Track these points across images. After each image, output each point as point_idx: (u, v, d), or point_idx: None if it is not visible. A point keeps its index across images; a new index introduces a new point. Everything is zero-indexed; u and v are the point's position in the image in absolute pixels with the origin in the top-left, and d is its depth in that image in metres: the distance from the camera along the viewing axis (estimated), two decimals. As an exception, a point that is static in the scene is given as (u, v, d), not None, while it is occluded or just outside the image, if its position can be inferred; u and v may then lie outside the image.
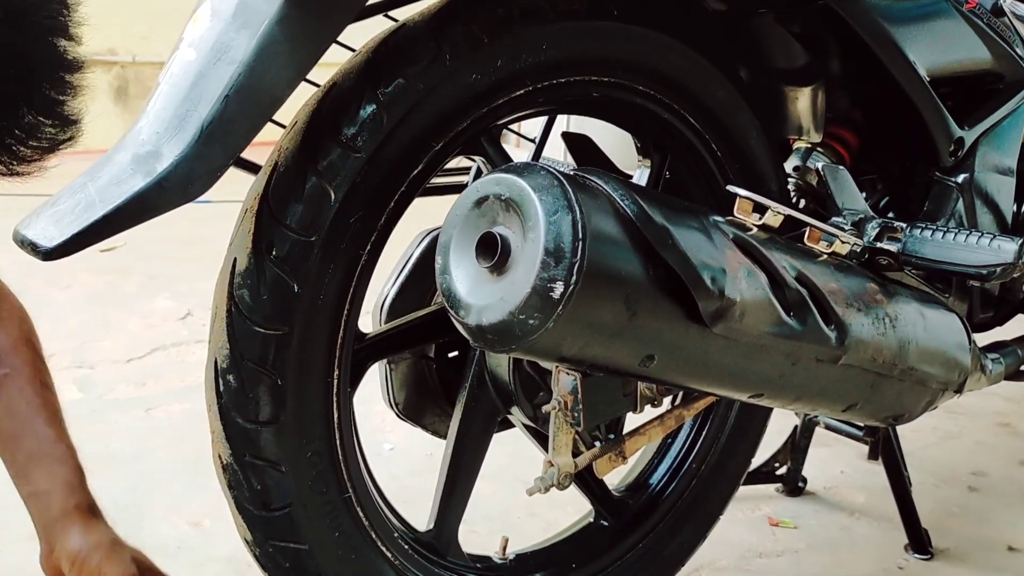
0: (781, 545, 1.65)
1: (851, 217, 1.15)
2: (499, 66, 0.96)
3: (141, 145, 0.82)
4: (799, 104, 1.31)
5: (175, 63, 0.85)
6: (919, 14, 1.20)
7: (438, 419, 1.20)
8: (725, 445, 1.32)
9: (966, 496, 1.89)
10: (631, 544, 1.28)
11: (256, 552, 0.97)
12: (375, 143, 0.91)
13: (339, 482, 0.97)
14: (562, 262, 0.71)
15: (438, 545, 1.12)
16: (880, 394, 1.05)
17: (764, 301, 0.86)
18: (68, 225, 0.78)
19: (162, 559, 1.48)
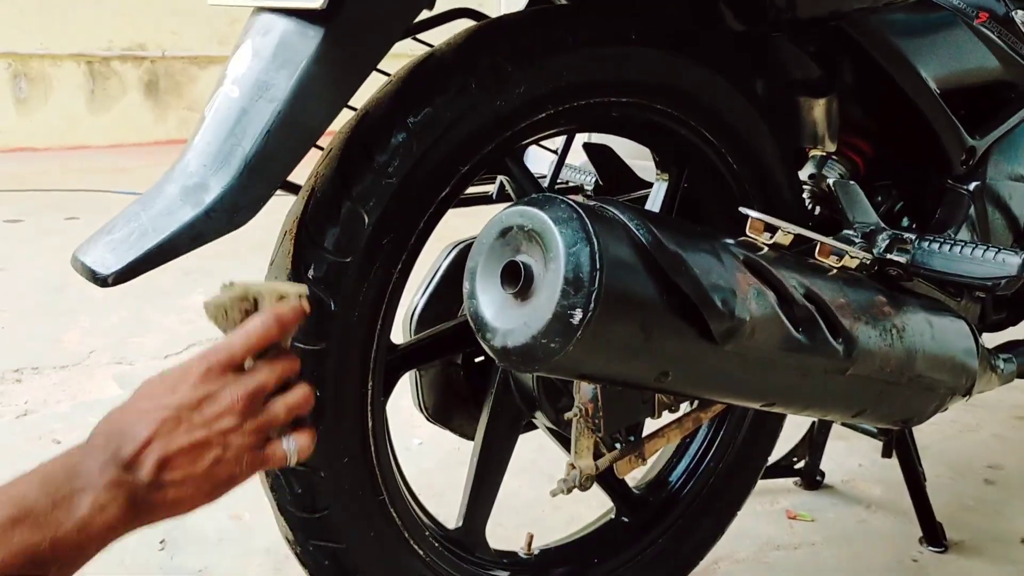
0: (798, 538, 1.70)
1: (862, 229, 1.20)
2: (522, 92, 1.01)
3: (189, 177, 0.88)
4: (813, 115, 1.35)
5: (219, 99, 0.90)
6: (929, 30, 1.24)
7: (465, 422, 1.26)
8: (742, 444, 1.37)
9: (982, 489, 1.93)
10: (651, 539, 1.33)
11: (297, 550, 1.04)
12: (405, 169, 0.96)
13: (374, 486, 1.03)
14: (581, 291, 0.76)
15: (466, 542, 1.18)
16: (888, 401, 1.10)
17: (773, 319, 0.91)
18: (124, 253, 0.84)
19: (204, 550, 1.57)
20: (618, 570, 1.30)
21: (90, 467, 0.68)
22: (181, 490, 0.70)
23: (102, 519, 0.67)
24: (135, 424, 0.69)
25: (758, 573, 1.58)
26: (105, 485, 0.67)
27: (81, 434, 0.71)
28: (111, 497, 0.67)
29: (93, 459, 0.68)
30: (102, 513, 0.67)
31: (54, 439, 1.97)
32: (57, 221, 4.05)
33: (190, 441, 0.69)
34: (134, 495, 0.68)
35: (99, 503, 0.67)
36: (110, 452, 0.68)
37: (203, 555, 1.57)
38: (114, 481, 0.68)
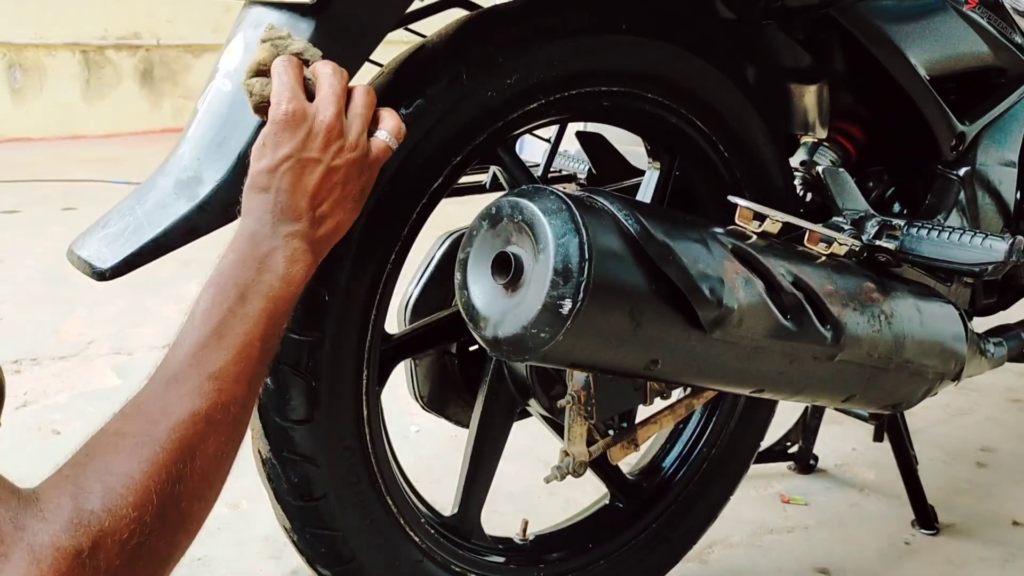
0: (792, 521, 1.72)
1: (851, 216, 1.21)
2: (513, 82, 1.02)
3: (183, 170, 0.89)
4: (804, 102, 1.36)
5: (212, 92, 0.91)
6: (918, 17, 1.24)
7: (460, 410, 1.27)
8: (735, 429, 1.39)
9: (974, 472, 1.95)
10: (645, 524, 1.34)
11: (294, 538, 1.05)
12: (398, 160, 0.97)
13: (369, 474, 1.05)
14: (570, 281, 0.77)
15: (462, 529, 1.20)
16: (877, 386, 1.11)
17: (761, 307, 0.92)
18: (120, 247, 0.85)
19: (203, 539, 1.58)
20: (613, 555, 1.31)
21: (264, 233, 0.80)
22: (336, 215, 0.83)
23: (298, 268, 0.80)
24: (270, 184, 0.81)
25: (752, 557, 1.60)
26: (285, 240, 0.80)
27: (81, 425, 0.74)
28: (295, 247, 0.80)
29: (261, 226, 0.80)
30: (295, 263, 0.80)
31: (53, 430, 1.98)
32: (54, 211, 4.06)
33: (319, 175, 0.81)
34: (309, 236, 0.81)
35: (289, 256, 0.80)
36: (269, 214, 0.80)
37: (202, 543, 1.57)
38: (289, 234, 0.80)
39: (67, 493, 0.65)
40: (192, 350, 0.75)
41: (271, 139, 0.81)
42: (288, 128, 0.80)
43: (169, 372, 0.74)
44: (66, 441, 1.83)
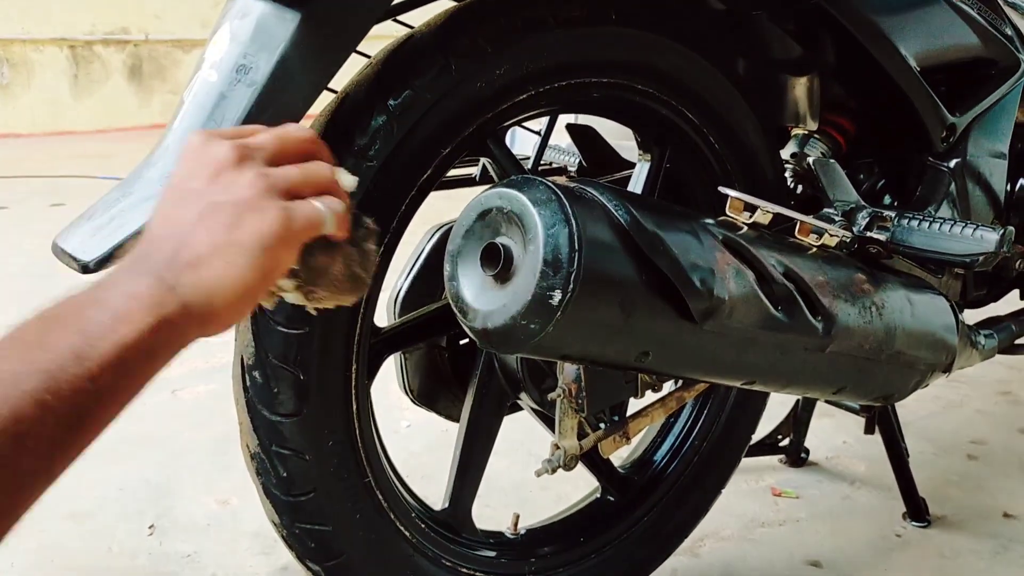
0: (783, 515, 1.72)
1: (842, 207, 1.20)
2: (503, 73, 1.01)
3: (169, 163, 0.87)
4: (795, 93, 1.36)
5: (198, 83, 0.90)
6: (908, 7, 1.24)
7: (451, 404, 1.26)
8: (726, 422, 1.39)
9: (965, 464, 1.95)
10: (637, 518, 1.34)
11: (283, 533, 1.05)
12: (386, 152, 0.96)
13: (359, 468, 1.04)
14: (560, 272, 0.77)
15: (453, 523, 1.19)
16: (868, 377, 1.11)
17: (752, 298, 0.91)
18: (105, 239, 0.84)
19: (193, 535, 1.58)
20: (604, 549, 1.31)
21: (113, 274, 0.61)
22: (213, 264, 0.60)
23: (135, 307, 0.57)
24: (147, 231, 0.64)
25: (743, 550, 1.60)
26: (129, 274, 0.60)
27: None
28: (139, 283, 0.59)
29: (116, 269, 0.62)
30: (134, 300, 0.57)
31: (41, 426, 1.97)
32: (42, 207, 4.03)
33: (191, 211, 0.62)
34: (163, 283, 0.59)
35: (127, 291, 0.58)
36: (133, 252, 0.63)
37: (192, 540, 1.58)
38: (138, 269, 0.60)
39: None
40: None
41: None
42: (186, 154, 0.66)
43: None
44: (54, 438, 1.81)
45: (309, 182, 0.66)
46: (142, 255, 0.62)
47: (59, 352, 0.54)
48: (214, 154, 0.64)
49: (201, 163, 0.64)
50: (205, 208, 0.62)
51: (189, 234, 0.61)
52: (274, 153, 0.66)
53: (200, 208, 0.62)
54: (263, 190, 0.63)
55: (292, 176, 0.65)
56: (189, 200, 0.63)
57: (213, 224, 0.61)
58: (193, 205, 0.62)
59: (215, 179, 0.63)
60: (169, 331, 0.58)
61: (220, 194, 0.63)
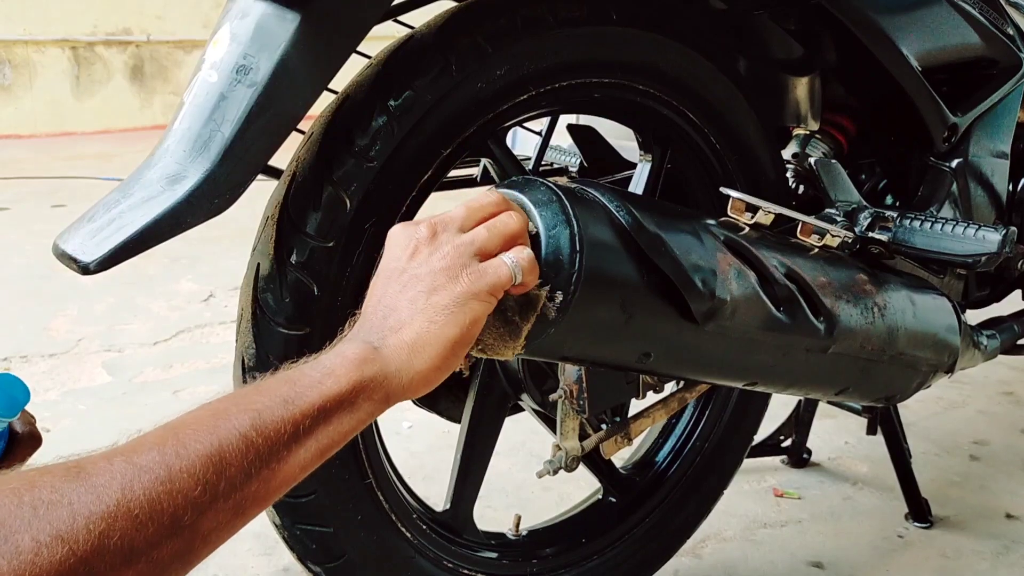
0: (785, 515, 1.72)
1: (844, 207, 1.20)
2: (503, 74, 1.01)
3: (169, 163, 0.87)
4: (796, 94, 1.35)
5: (198, 84, 0.90)
6: (910, 7, 1.23)
7: (452, 405, 1.26)
8: (728, 423, 1.38)
9: (967, 465, 1.94)
10: (638, 519, 1.34)
11: (285, 535, 1.04)
12: (387, 152, 0.96)
13: (360, 469, 1.04)
14: (561, 273, 0.76)
15: (454, 524, 1.19)
16: (871, 378, 1.11)
17: (754, 299, 0.91)
18: (105, 240, 0.84)
19: (194, 536, 1.58)
20: (606, 550, 1.31)
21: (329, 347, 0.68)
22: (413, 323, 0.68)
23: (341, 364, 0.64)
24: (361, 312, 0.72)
25: (745, 551, 1.59)
26: (344, 342, 0.68)
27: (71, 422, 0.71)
28: (349, 347, 0.66)
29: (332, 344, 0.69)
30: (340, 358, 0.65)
31: (44, 427, 1.96)
32: (44, 209, 4.03)
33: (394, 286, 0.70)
34: (368, 340, 0.67)
35: (338, 352, 0.66)
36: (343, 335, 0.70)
37: (193, 540, 1.58)
38: (351, 337, 0.68)
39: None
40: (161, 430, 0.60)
41: None
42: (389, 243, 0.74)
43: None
44: (57, 438, 1.81)
45: (496, 237, 0.73)
46: (357, 329, 0.70)
47: (271, 397, 0.61)
48: (410, 235, 0.73)
49: (401, 246, 0.73)
50: (407, 281, 0.70)
51: (394, 305, 0.70)
52: (464, 220, 0.73)
53: (403, 282, 0.71)
54: (455, 256, 0.70)
55: (480, 237, 0.72)
56: (393, 278, 0.71)
57: (413, 293, 0.69)
58: (396, 282, 0.71)
59: (414, 256, 0.71)
60: (371, 388, 0.65)
61: (419, 267, 0.71)
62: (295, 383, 0.63)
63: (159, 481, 0.55)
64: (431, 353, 0.67)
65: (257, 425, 0.59)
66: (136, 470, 0.55)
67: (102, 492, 0.53)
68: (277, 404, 0.61)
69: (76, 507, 0.52)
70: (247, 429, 0.59)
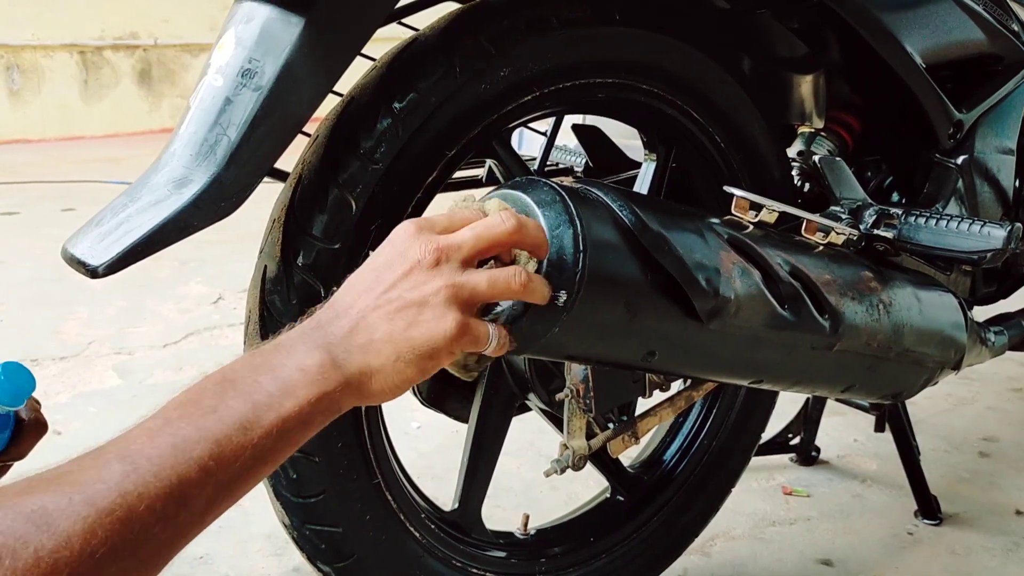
0: (794, 513, 1.71)
1: (849, 205, 1.20)
2: (507, 75, 1.01)
3: (176, 167, 0.88)
4: (801, 92, 1.36)
5: (204, 88, 0.91)
6: (914, 4, 1.23)
7: (459, 405, 1.26)
8: (735, 421, 1.38)
9: (977, 462, 1.94)
10: (646, 518, 1.34)
11: (294, 535, 1.05)
12: (392, 154, 0.97)
13: (368, 469, 1.04)
14: (565, 272, 0.77)
15: (463, 523, 1.19)
16: (877, 375, 1.11)
17: (758, 297, 0.91)
18: (113, 244, 0.85)
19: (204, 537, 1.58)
20: (614, 549, 1.31)
21: (293, 336, 0.67)
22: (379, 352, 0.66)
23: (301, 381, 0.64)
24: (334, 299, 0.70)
25: (754, 549, 1.59)
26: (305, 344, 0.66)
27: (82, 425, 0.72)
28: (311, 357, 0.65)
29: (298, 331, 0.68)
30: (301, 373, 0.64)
31: (55, 430, 1.98)
32: (53, 212, 4.05)
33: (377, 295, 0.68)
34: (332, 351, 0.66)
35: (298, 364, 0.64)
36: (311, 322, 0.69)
37: (203, 542, 1.59)
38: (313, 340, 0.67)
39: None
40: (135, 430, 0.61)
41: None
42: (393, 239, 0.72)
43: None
44: (67, 441, 1.82)
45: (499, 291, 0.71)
46: (323, 323, 0.68)
47: (229, 422, 0.60)
48: (416, 250, 0.69)
49: (402, 255, 0.70)
50: (391, 299, 0.68)
51: (368, 318, 0.67)
52: (472, 253, 0.70)
53: (387, 298, 0.68)
54: (448, 299, 0.68)
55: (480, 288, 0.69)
56: (379, 287, 0.69)
57: (394, 317, 0.67)
58: (380, 296, 0.68)
59: (408, 275, 0.69)
60: (328, 403, 0.65)
61: (408, 291, 0.68)
62: (254, 403, 0.62)
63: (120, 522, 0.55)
64: (386, 384, 0.67)
65: (217, 456, 0.59)
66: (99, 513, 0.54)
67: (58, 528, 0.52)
68: (236, 432, 0.60)
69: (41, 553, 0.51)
70: (206, 460, 0.59)
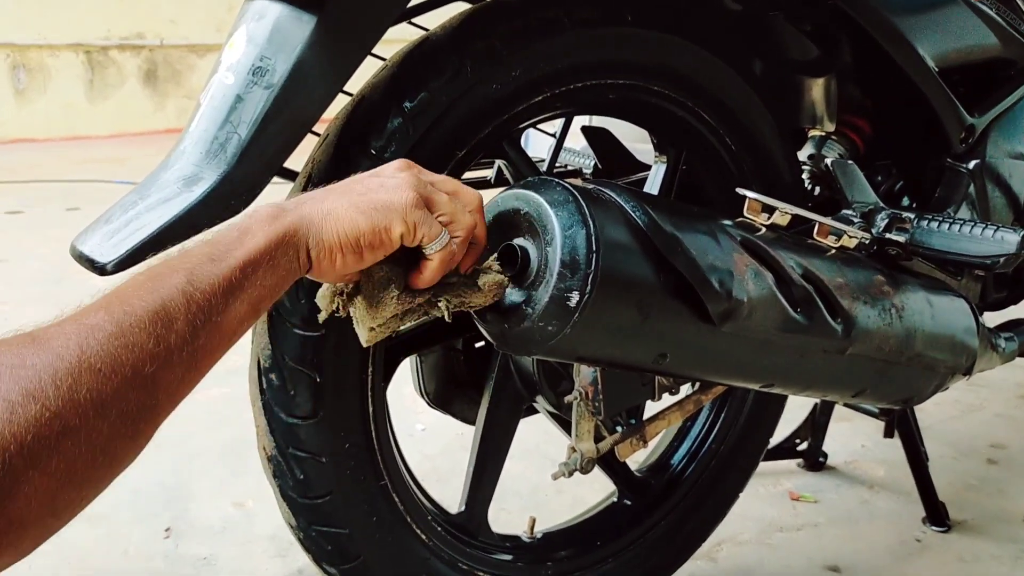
0: (801, 519, 1.71)
1: (860, 209, 1.19)
2: (518, 75, 1.01)
3: (185, 165, 0.88)
4: (812, 95, 1.35)
5: (214, 86, 0.90)
6: (927, 8, 1.23)
7: (466, 407, 1.26)
8: (744, 425, 1.38)
9: (985, 468, 1.93)
10: (654, 522, 1.33)
11: (300, 536, 1.04)
12: (402, 154, 0.96)
13: (375, 471, 1.04)
14: (577, 273, 0.76)
15: (469, 526, 1.19)
16: (888, 380, 1.10)
17: (771, 300, 0.91)
18: (122, 242, 0.84)
19: (209, 538, 1.58)
20: (620, 553, 1.30)
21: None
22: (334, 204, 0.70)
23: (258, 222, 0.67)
24: None
25: (761, 555, 1.58)
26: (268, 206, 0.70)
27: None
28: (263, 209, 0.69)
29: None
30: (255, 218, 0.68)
31: (58, 429, 1.98)
32: (58, 212, 4.05)
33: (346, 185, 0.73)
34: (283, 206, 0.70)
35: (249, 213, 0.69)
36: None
37: (208, 543, 1.58)
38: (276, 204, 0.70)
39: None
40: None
41: None
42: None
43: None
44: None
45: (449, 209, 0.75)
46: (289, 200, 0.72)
47: (197, 257, 0.64)
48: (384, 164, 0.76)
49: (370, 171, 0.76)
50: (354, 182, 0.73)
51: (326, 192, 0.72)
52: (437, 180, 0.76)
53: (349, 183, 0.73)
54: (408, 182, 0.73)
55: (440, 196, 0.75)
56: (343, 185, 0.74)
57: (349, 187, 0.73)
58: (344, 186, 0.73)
59: (376, 173, 0.75)
60: (285, 245, 0.68)
61: (371, 178, 0.74)
62: (216, 244, 0.66)
63: (113, 336, 0.57)
64: (340, 227, 0.70)
65: (192, 280, 0.62)
66: (88, 329, 0.57)
67: (61, 351, 0.55)
68: (205, 263, 0.64)
69: (39, 367, 0.54)
70: (184, 285, 0.62)
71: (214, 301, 0.63)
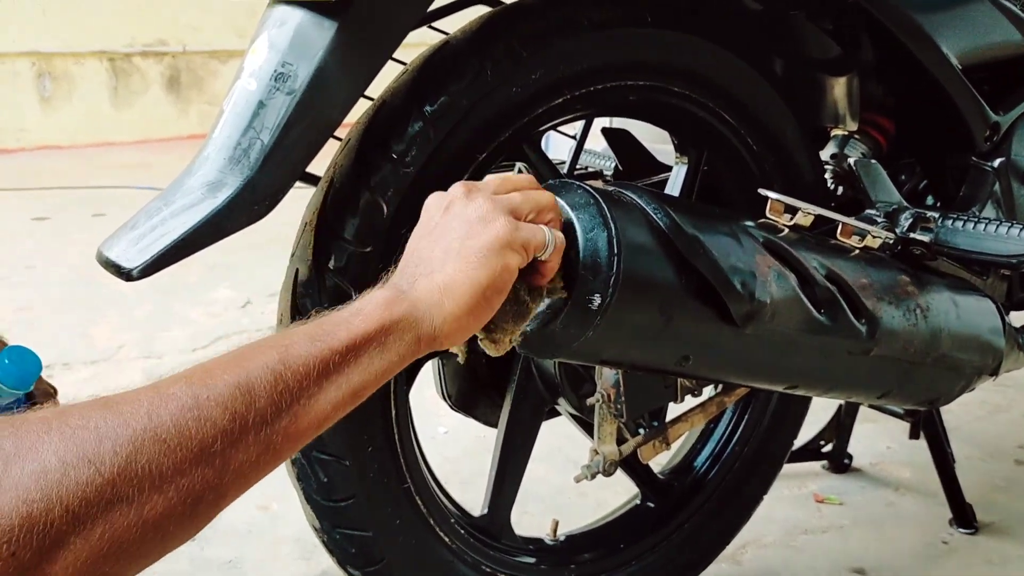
0: (827, 521, 1.69)
1: (884, 208, 1.18)
2: (538, 78, 1.01)
3: (209, 171, 0.88)
4: (834, 94, 1.34)
5: (237, 92, 0.91)
6: (950, 4, 1.22)
7: (489, 410, 1.26)
8: (767, 427, 1.37)
9: (1013, 470, 1.91)
10: (677, 525, 1.33)
11: (324, 538, 1.05)
12: (423, 158, 0.96)
13: (399, 474, 1.04)
14: (599, 276, 0.76)
15: (492, 529, 1.19)
16: (913, 381, 1.09)
17: (794, 301, 0.90)
18: (147, 247, 0.85)
19: (234, 541, 1.59)
20: (644, 555, 1.30)
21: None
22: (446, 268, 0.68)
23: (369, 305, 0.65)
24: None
25: (786, 557, 1.58)
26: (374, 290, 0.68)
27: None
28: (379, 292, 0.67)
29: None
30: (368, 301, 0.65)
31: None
32: (83, 218, 4.09)
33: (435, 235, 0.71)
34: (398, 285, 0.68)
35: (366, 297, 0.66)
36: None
37: (233, 546, 1.59)
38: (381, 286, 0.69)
39: None
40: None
41: None
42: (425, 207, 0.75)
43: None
44: (97, 445, 1.83)
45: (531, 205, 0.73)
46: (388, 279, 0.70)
47: (297, 335, 0.62)
48: (445, 195, 0.73)
49: (436, 206, 0.74)
50: (441, 232, 0.71)
51: (427, 255, 0.70)
52: (498, 186, 0.75)
53: (437, 234, 0.71)
54: (491, 207, 0.71)
55: (515, 199, 0.73)
56: (427, 233, 0.72)
57: (447, 241, 0.70)
58: (430, 236, 0.71)
59: (448, 210, 0.72)
60: (401, 327, 0.65)
61: (453, 219, 0.71)
62: (322, 324, 0.63)
63: (186, 408, 0.55)
64: (462, 294, 0.67)
65: (285, 360, 0.59)
66: (163, 398, 0.55)
67: (129, 418, 0.53)
68: (304, 341, 0.61)
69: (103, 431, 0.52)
70: (275, 363, 0.59)
71: (306, 383, 0.60)
